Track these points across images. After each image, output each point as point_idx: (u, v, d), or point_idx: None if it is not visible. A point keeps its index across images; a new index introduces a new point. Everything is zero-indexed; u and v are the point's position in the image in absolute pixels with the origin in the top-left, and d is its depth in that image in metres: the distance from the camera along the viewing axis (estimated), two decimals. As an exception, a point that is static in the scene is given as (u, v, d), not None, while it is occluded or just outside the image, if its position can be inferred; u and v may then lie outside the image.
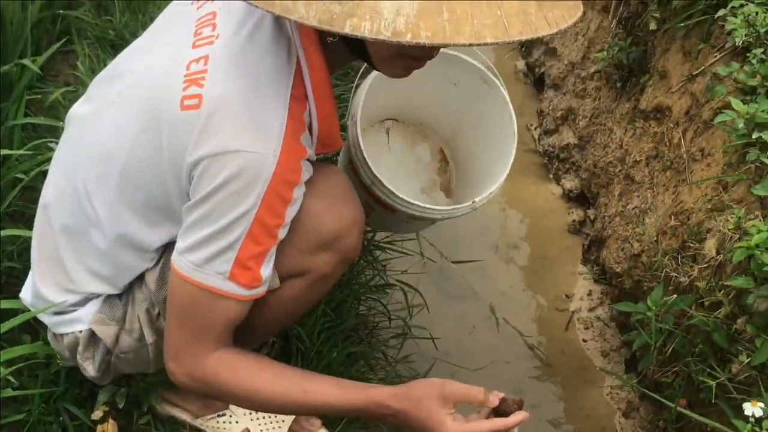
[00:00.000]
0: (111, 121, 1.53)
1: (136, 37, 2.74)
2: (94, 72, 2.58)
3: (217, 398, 1.53)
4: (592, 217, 2.82)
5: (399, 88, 2.03)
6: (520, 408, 1.46)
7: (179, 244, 1.44)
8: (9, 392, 1.68)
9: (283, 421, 1.89)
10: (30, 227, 1.92)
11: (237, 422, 1.88)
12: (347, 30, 1.14)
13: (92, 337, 1.67)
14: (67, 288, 1.65)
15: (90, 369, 1.70)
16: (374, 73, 2.00)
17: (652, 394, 1.99)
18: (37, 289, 1.67)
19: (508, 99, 2.10)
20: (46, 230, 1.66)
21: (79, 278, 1.64)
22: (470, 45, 1.16)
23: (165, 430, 1.88)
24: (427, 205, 1.96)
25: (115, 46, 2.77)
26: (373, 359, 2.24)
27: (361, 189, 1.98)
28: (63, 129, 2.23)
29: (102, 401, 1.83)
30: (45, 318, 1.69)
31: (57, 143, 2.13)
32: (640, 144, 2.54)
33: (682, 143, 2.25)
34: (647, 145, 2.49)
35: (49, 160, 2.07)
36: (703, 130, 2.17)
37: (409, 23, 1.14)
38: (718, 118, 1.94)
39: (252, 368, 1.49)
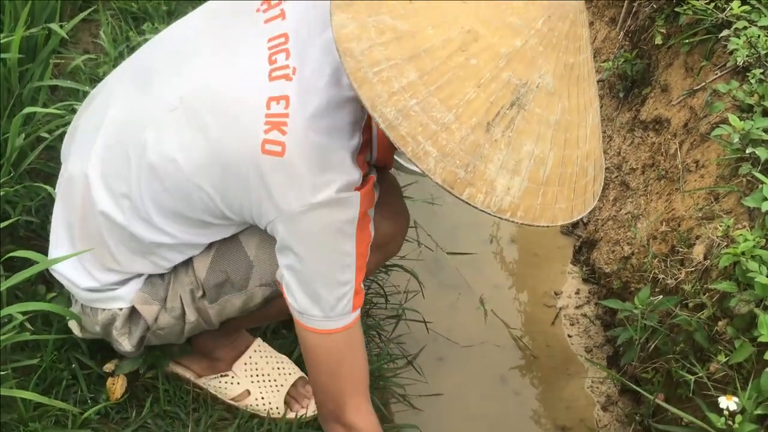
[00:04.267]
0: (174, 134, 1.52)
1: (158, 11, 2.83)
2: (115, 41, 2.65)
3: None
4: (585, 219, 2.88)
5: None
6: None
7: (293, 303, 1.54)
8: (26, 336, 1.72)
9: (281, 385, 1.97)
10: (48, 184, 1.99)
11: (239, 383, 1.95)
12: (464, 196, 1.27)
13: (132, 314, 1.73)
14: (111, 268, 1.69)
15: (126, 344, 1.76)
16: None
17: (633, 387, 2.06)
18: (81, 265, 1.70)
19: None
20: (87, 210, 1.66)
21: (123, 260, 1.67)
22: (546, 227, 1.31)
23: (170, 386, 1.95)
24: None
25: (137, 18, 2.83)
26: (368, 336, 2.30)
27: None
28: (84, 93, 2.31)
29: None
30: (79, 293, 1.73)
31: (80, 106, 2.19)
32: (637, 153, 2.60)
33: (678, 154, 2.32)
34: (644, 154, 2.56)
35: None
36: (699, 143, 2.24)
37: (512, 204, 1.28)
38: (715, 132, 2.02)
39: None
